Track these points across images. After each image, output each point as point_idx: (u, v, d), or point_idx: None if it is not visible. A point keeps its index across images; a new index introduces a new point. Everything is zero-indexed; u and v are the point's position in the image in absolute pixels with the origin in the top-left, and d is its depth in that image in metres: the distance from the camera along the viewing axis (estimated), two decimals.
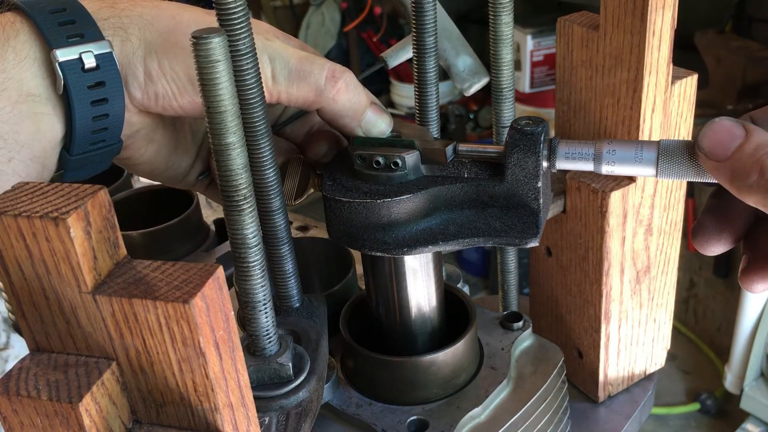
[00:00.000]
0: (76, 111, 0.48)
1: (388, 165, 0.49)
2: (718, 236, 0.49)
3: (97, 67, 0.48)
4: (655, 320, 0.66)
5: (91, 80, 0.48)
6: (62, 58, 0.47)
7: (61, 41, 0.47)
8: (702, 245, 0.50)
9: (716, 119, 0.44)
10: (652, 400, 0.69)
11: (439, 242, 0.49)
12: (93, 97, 0.48)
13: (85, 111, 0.48)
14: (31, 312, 0.35)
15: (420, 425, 0.52)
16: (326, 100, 0.50)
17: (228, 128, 0.40)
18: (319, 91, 0.50)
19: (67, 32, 0.47)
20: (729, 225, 0.49)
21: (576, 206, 0.61)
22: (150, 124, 0.53)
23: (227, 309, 0.35)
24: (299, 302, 0.54)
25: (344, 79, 0.50)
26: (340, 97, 0.50)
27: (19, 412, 0.34)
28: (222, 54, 0.38)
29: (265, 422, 0.46)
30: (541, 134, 0.47)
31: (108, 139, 0.50)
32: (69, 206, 0.33)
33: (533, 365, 0.57)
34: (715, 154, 0.44)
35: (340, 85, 0.50)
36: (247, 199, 0.43)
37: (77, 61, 0.47)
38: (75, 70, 0.47)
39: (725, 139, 0.43)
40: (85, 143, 0.49)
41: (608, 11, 0.55)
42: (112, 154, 0.52)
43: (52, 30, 0.47)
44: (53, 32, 0.47)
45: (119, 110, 0.50)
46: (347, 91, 0.50)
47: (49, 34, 0.47)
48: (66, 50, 0.47)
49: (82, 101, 0.48)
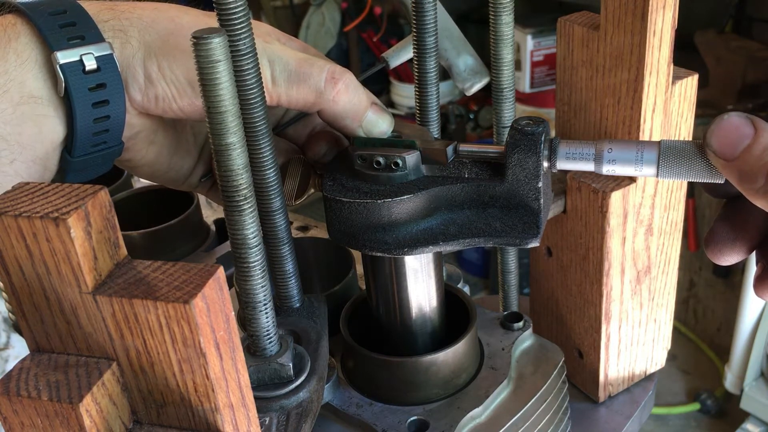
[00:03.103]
0: (77, 113, 0.48)
1: (389, 165, 0.49)
2: (731, 245, 0.48)
3: (98, 69, 0.48)
4: (656, 320, 0.66)
5: (92, 82, 0.48)
6: (63, 60, 0.47)
7: (62, 43, 0.47)
8: (716, 254, 0.48)
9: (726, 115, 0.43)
10: (653, 400, 0.69)
11: (440, 242, 0.49)
12: (94, 98, 0.48)
13: (86, 113, 0.48)
14: (31, 312, 0.35)
15: (420, 425, 0.52)
16: (326, 102, 0.50)
17: (228, 128, 0.40)
18: (318, 93, 0.50)
19: (67, 34, 0.47)
20: (743, 233, 0.47)
21: (576, 206, 0.60)
22: (150, 126, 0.53)
23: (228, 309, 0.35)
24: (299, 302, 0.54)
25: (344, 80, 0.50)
26: (339, 99, 0.50)
27: (19, 413, 0.34)
28: (222, 54, 0.38)
29: (265, 422, 0.46)
30: (541, 134, 0.47)
31: (109, 141, 0.50)
32: (69, 206, 0.33)
33: (534, 365, 0.57)
34: (723, 153, 0.42)
35: (340, 86, 0.50)
36: (247, 200, 0.43)
37: (78, 63, 0.47)
38: (76, 72, 0.47)
39: (734, 137, 0.42)
40: (87, 145, 0.50)
41: (609, 11, 0.55)
42: (113, 156, 0.52)
43: (53, 32, 0.47)
44: (54, 34, 0.47)
45: (120, 112, 0.50)
46: (347, 92, 0.50)
47: (50, 36, 0.47)
48: (67, 52, 0.47)
49: (83, 103, 0.48)
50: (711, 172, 0.45)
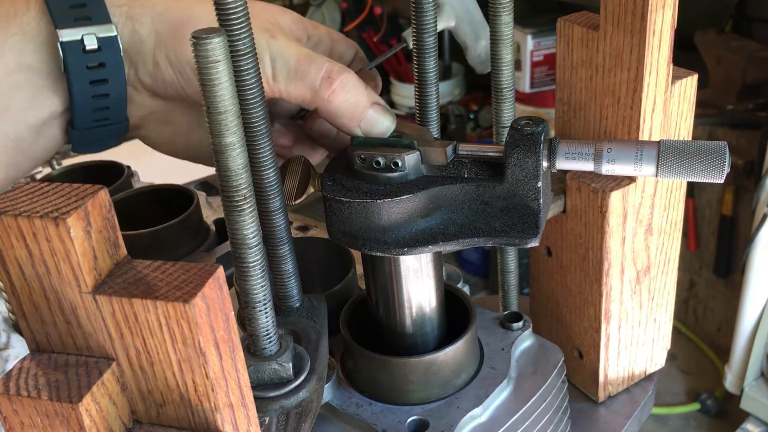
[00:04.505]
0: (74, 88, 0.50)
1: (388, 165, 0.49)
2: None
3: (98, 48, 0.50)
4: (655, 320, 0.66)
5: (92, 61, 0.50)
6: (64, 38, 0.49)
7: (67, 22, 0.49)
8: None
9: None
10: (652, 400, 0.69)
11: (440, 242, 0.49)
12: (92, 77, 0.50)
13: (83, 89, 0.50)
14: (31, 312, 0.35)
15: (420, 425, 0.52)
16: (321, 101, 0.51)
17: (228, 128, 0.40)
18: (314, 91, 0.50)
19: (75, 15, 0.50)
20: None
21: (576, 206, 0.61)
22: (165, 107, 0.55)
23: (227, 309, 0.35)
24: (299, 302, 0.54)
25: (340, 80, 0.50)
26: (334, 99, 0.50)
27: (19, 412, 0.34)
28: (222, 54, 0.38)
29: (265, 422, 0.46)
30: (541, 134, 0.47)
31: (111, 118, 0.53)
32: (69, 206, 0.33)
33: (533, 365, 0.57)
34: None
35: (336, 86, 0.50)
36: (247, 199, 0.43)
37: (79, 42, 0.49)
38: (75, 51, 0.49)
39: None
40: (88, 120, 0.52)
41: (608, 11, 0.55)
42: (120, 132, 0.54)
43: (61, 11, 0.50)
44: (62, 14, 0.50)
45: (119, 90, 0.52)
46: (343, 92, 0.50)
47: (57, 15, 0.49)
48: (70, 31, 0.49)
49: (80, 80, 0.50)
50: (711, 171, 0.45)
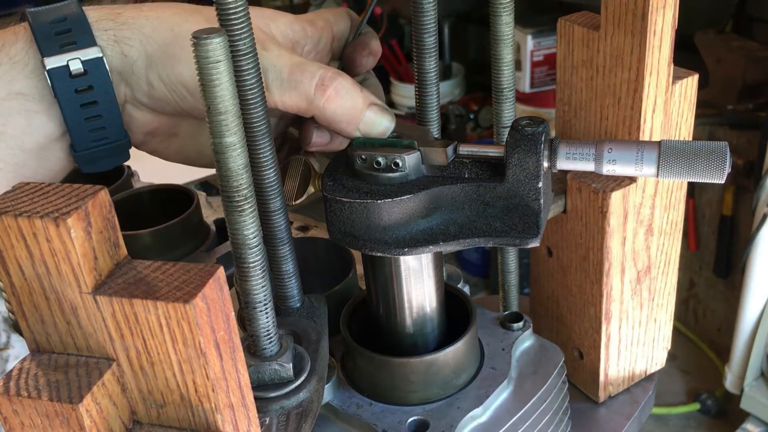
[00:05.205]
0: (66, 113, 0.51)
1: (389, 165, 0.49)
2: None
3: (84, 72, 0.50)
4: (656, 320, 0.66)
5: (80, 85, 0.50)
6: (50, 65, 0.50)
7: (53, 49, 0.50)
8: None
9: None
10: (653, 401, 0.69)
11: (440, 242, 0.49)
12: (82, 100, 0.51)
13: (75, 113, 0.51)
14: (31, 312, 0.35)
15: (420, 425, 0.52)
16: (317, 109, 0.51)
17: (228, 128, 0.40)
18: (309, 99, 0.50)
19: (61, 41, 0.50)
20: None
21: (577, 206, 0.60)
22: (168, 121, 0.55)
23: (228, 309, 0.35)
24: (300, 302, 0.54)
25: (334, 86, 0.50)
26: (329, 106, 0.50)
27: (19, 413, 0.34)
28: (222, 54, 0.38)
29: (265, 423, 0.46)
30: (541, 134, 0.47)
31: (110, 137, 0.53)
32: (69, 206, 0.33)
33: (534, 365, 0.57)
34: None
35: (330, 93, 0.50)
36: (247, 200, 0.43)
37: (64, 67, 0.50)
38: (62, 77, 0.50)
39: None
40: (86, 141, 0.52)
41: (609, 11, 0.55)
42: (122, 149, 0.55)
43: (47, 39, 0.50)
44: (48, 41, 0.50)
45: (112, 110, 0.52)
46: (338, 97, 0.50)
47: (43, 43, 0.50)
48: (55, 58, 0.50)
49: (70, 104, 0.51)
50: (712, 172, 0.45)
